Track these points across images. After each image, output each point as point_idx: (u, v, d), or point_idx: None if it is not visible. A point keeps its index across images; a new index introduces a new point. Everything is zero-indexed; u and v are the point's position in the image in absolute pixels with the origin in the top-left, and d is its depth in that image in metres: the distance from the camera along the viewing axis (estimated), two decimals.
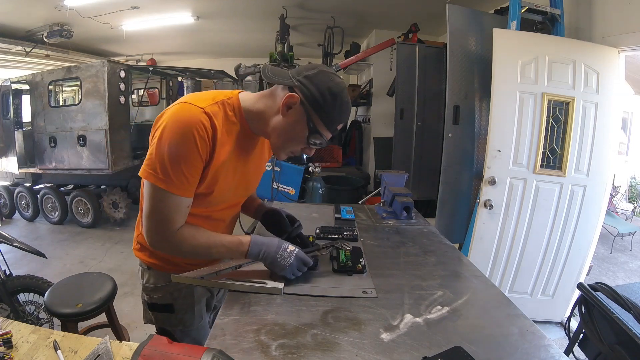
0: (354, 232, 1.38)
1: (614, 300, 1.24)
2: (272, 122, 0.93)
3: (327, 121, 0.91)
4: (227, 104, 0.93)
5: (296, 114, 0.90)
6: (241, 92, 0.98)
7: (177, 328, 1.12)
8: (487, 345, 0.79)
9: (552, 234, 2.34)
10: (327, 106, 0.89)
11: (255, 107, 0.95)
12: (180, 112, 0.86)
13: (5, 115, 4.70)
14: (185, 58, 7.41)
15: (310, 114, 0.89)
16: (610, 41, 2.21)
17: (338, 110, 0.91)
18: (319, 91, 0.88)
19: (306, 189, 3.66)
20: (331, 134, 0.94)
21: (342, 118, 0.94)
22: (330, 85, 0.88)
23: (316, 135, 0.92)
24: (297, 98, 0.88)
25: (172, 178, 0.84)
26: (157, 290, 1.08)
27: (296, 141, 0.94)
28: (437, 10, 3.33)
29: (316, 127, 0.91)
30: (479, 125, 2.48)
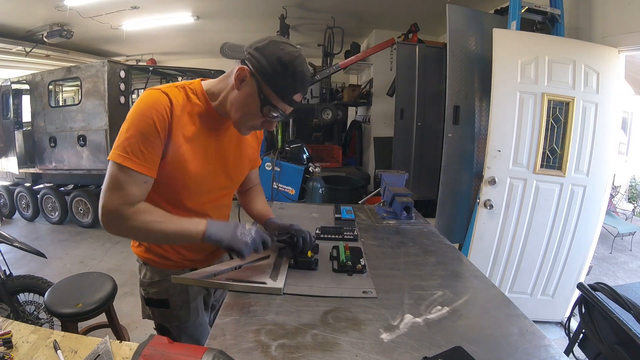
0: (354, 232, 1.38)
1: (614, 300, 1.24)
2: (229, 98, 0.94)
3: (279, 92, 0.89)
4: (188, 88, 0.96)
5: (248, 86, 0.90)
6: (203, 80, 1.01)
7: (173, 324, 1.13)
8: (487, 345, 0.79)
9: (552, 234, 2.34)
10: (277, 76, 0.87)
11: (216, 88, 0.97)
12: (142, 98, 0.90)
13: (5, 115, 4.70)
14: (185, 58, 7.41)
15: (261, 85, 0.88)
16: (610, 41, 2.21)
17: (290, 80, 0.88)
18: (268, 61, 0.86)
19: (306, 189, 3.66)
20: (288, 105, 0.92)
21: (296, 88, 0.90)
22: (280, 55, 0.86)
23: (269, 106, 0.91)
24: (247, 70, 0.88)
25: (127, 151, 0.85)
26: (152, 286, 1.09)
27: (252, 115, 0.93)
28: (437, 10, 3.33)
29: (268, 98, 0.89)
30: (479, 125, 2.48)
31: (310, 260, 1.04)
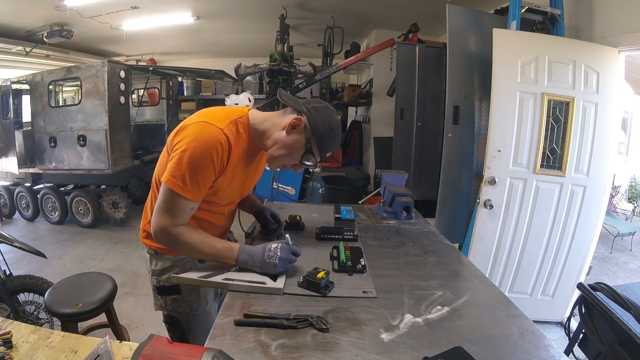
0: (354, 232, 1.38)
1: (614, 300, 1.24)
2: (274, 136, 1.09)
3: (322, 147, 1.08)
4: (239, 123, 1.08)
5: (298, 134, 1.07)
6: (250, 110, 1.14)
7: (184, 312, 1.19)
8: (487, 345, 0.79)
9: (552, 234, 2.34)
10: (324, 135, 1.07)
11: (263, 125, 1.11)
12: (203, 132, 1.00)
13: (5, 115, 4.69)
14: (185, 58, 7.41)
15: (310, 137, 1.07)
16: (610, 41, 2.21)
17: (332, 141, 1.09)
18: (321, 122, 1.06)
19: (306, 189, 3.66)
20: (320, 158, 1.11)
21: (333, 148, 1.11)
22: (330, 120, 1.08)
23: (309, 156, 1.08)
24: (302, 121, 1.06)
25: (188, 186, 0.98)
26: (164, 272, 1.17)
27: (291, 157, 1.10)
28: (437, 10, 3.33)
29: (311, 149, 1.08)
30: (479, 125, 2.47)
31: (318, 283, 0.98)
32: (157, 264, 1.18)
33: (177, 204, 1.00)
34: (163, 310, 1.23)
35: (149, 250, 1.20)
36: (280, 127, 1.08)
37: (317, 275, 0.99)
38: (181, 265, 1.16)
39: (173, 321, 1.23)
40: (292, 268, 1.08)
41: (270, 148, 1.10)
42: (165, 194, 1.00)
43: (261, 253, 1.03)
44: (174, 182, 0.98)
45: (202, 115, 1.06)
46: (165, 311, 1.22)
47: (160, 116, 6.03)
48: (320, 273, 1.00)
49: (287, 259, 1.04)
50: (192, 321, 1.21)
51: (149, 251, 1.20)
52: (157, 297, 1.21)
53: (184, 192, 0.98)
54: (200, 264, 1.19)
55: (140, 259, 3.92)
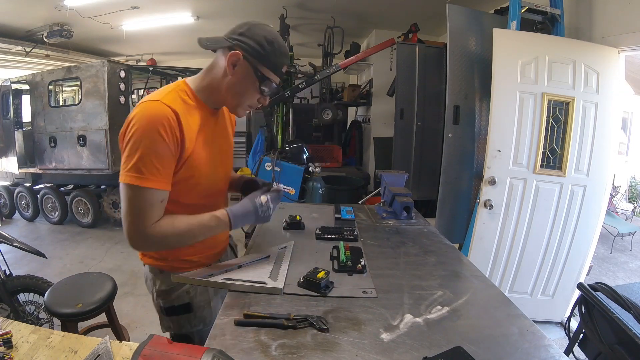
0: (354, 232, 1.38)
1: (614, 300, 1.24)
2: (223, 85, 0.98)
3: (272, 66, 0.97)
4: (179, 91, 0.98)
5: (242, 69, 0.96)
6: (186, 78, 1.03)
7: (197, 328, 1.10)
8: (487, 345, 0.79)
9: (552, 234, 2.34)
10: (267, 53, 0.95)
11: (204, 82, 1.01)
12: (143, 111, 0.89)
13: (5, 115, 4.70)
14: (185, 58, 7.40)
15: (256, 64, 0.95)
16: (610, 41, 2.21)
17: (278, 54, 0.97)
18: (257, 42, 0.94)
19: (306, 189, 3.66)
20: (279, 77, 1.00)
21: (284, 60, 1.00)
22: (265, 35, 0.95)
23: (266, 82, 0.98)
24: (239, 54, 0.94)
25: (144, 172, 0.86)
26: (172, 292, 1.07)
27: (250, 93, 1.00)
28: (437, 10, 3.33)
29: (264, 74, 0.97)
30: (479, 125, 2.47)
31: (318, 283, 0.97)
32: (162, 284, 1.07)
33: (142, 199, 0.87)
34: (170, 331, 1.13)
35: (151, 269, 1.09)
36: (221, 73, 0.97)
37: (317, 275, 0.98)
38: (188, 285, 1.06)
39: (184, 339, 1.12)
40: (293, 268, 1.08)
41: (227, 99, 1.01)
42: (126, 192, 0.88)
43: (254, 210, 1.00)
44: (130, 175, 0.86)
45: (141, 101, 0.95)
46: (173, 331, 1.12)
47: None
48: (320, 273, 1.00)
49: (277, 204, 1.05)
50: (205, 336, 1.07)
51: (152, 270, 1.09)
52: (165, 318, 1.11)
53: (144, 181, 0.86)
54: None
55: None
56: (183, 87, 0.99)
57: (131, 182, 0.86)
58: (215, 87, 0.99)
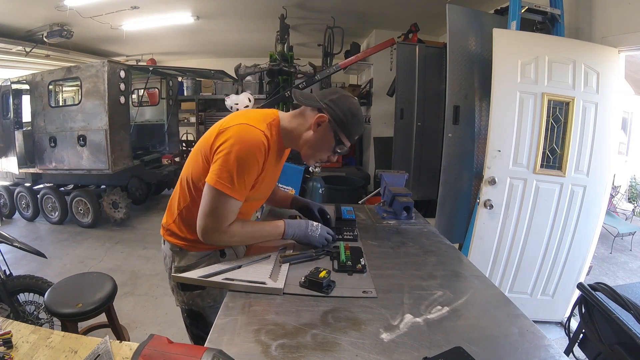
0: (354, 232, 1.38)
1: (614, 300, 1.24)
2: (304, 137, 1.17)
3: (349, 134, 1.16)
4: (272, 125, 1.16)
5: (324, 130, 1.14)
6: (279, 112, 1.22)
7: (208, 305, 1.25)
8: (487, 345, 0.79)
9: (552, 234, 2.34)
10: (348, 123, 1.13)
11: (290, 125, 1.18)
12: (246, 133, 1.06)
13: (5, 115, 4.70)
14: (185, 58, 7.41)
15: (336, 129, 1.14)
16: (610, 41, 2.21)
17: (356, 125, 1.16)
18: (343, 112, 1.12)
19: (306, 189, 3.66)
20: (351, 142, 1.19)
21: (359, 130, 1.19)
22: (350, 107, 1.14)
23: (341, 145, 1.17)
24: (326, 118, 1.13)
25: (236, 186, 1.04)
26: (189, 269, 1.19)
27: (324, 151, 1.18)
28: (437, 10, 3.33)
29: (341, 139, 1.16)
30: (479, 125, 2.47)
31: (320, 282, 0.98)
32: (180, 260, 1.22)
33: (225, 205, 1.05)
34: (184, 306, 1.27)
35: (172, 247, 1.23)
36: (306, 126, 1.16)
37: (319, 275, 0.99)
38: (207, 261, 1.22)
39: (195, 315, 1.28)
40: (293, 268, 1.08)
41: (303, 148, 1.19)
42: (212, 195, 1.04)
43: (305, 226, 1.19)
44: (222, 184, 1.02)
45: (240, 118, 1.11)
46: (187, 306, 1.27)
47: (160, 116, 6.04)
48: (322, 273, 1.00)
49: (324, 236, 1.20)
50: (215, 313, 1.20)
51: (172, 248, 1.24)
52: (180, 294, 1.25)
53: (232, 192, 1.04)
54: (222, 259, 1.27)
55: (140, 258, 3.92)
56: (276, 122, 1.17)
57: (222, 189, 1.03)
58: (296, 135, 1.18)
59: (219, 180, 1.02)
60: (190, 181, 1.16)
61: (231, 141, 1.03)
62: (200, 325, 1.29)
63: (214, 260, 1.24)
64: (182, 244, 1.22)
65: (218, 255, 1.27)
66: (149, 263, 3.43)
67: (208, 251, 1.24)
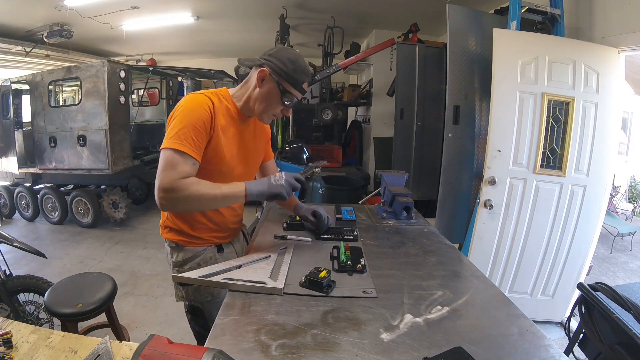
0: (354, 232, 1.38)
1: (614, 300, 1.24)
2: (252, 96, 1.20)
3: (293, 82, 1.16)
4: (219, 94, 1.20)
5: (268, 83, 1.16)
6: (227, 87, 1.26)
7: (206, 300, 1.27)
8: (487, 345, 0.79)
9: (552, 234, 2.34)
10: (289, 71, 1.14)
11: (239, 92, 1.23)
12: (188, 99, 1.13)
13: (5, 115, 4.69)
14: (185, 58, 7.41)
15: (279, 79, 1.15)
16: (610, 41, 2.21)
17: (299, 72, 1.16)
18: (281, 61, 1.14)
19: (306, 189, 3.65)
20: (299, 92, 1.19)
21: (303, 77, 1.18)
22: (288, 56, 1.15)
23: (287, 94, 1.17)
24: (266, 71, 1.15)
25: (182, 140, 1.05)
26: (186, 263, 1.25)
27: (273, 104, 1.19)
28: (437, 10, 3.33)
29: (285, 88, 1.16)
30: (479, 125, 2.47)
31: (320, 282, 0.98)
32: (178, 255, 1.26)
33: (177, 158, 1.04)
34: (184, 301, 1.29)
35: (169, 243, 1.28)
36: (252, 86, 1.19)
37: (319, 275, 0.99)
38: (202, 255, 1.26)
39: (195, 311, 1.30)
40: (293, 268, 1.08)
41: (254, 108, 1.21)
42: (164, 155, 1.05)
43: (267, 180, 1.15)
44: (170, 141, 1.05)
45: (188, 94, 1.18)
46: (186, 301, 1.29)
47: (160, 116, 6.04)
48: (322, 272, 1.00)
49: (291, 183, 1.15)
50: (214, 309, 1.21)
51: (169, 244, 1.28)
52: (179, 288, 1.27)
53: (180, 146, 1.04)
54: (220, 254, 1.30)
55: (140, 258, 3.92)
56: (223, 92, 1.22)
57: (169, 146, 1.04)
58: (247, 97, 1.21)
59: (166, 140, 1.06)
60: None
61: (175, 109, 1.11)
62: (200, 322, 1.31)
63: (211, 254, 1.28)
64: (178, 239, 1.26)
65: (215, 250, 1.30)
66: (149, 263, 3.44)
67: (203, 246, 1.27)
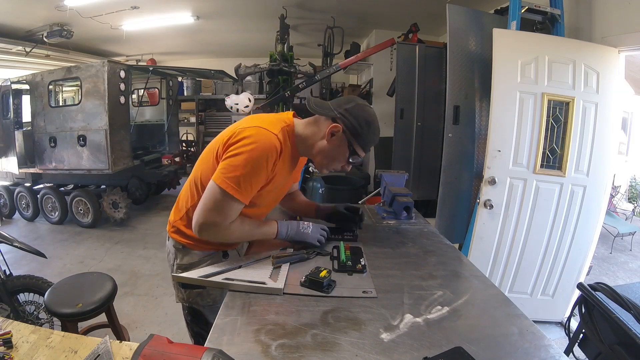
0: (354, 232, 1.38)
1: (614, 300, 1.24)
2: (317, 146, 1.15)
3: (363, 144, 1.14)
4: (286, 130, 1.14)
5: (338, 140, 1.12)
6: (295, 118, 1.20)
7: (207, 304, 1.26)
8: (487, 345, 0.79)
9: (552, 234, 2.34)
10: (363, 133, 1.12)
11: (304, 133, 1.17)
12: (259, 135, 1.04)
13: (5, 115, 4.69)
14: (185, 58, 7.41)
15: (350, 140, 1.12)
16: (610, 41, 2.21)
17: (372, 135, 1.15)
18: (357, 121, 1.10)
19: (306, 189, 3.66)
20: (365, 152, 1.17)
21: (374, 140, 1.17)
22: (365, 116, 1.12)
23: (355, 155, 1.16)
24: (340, 127, 1.10)
25: (241, 188, 1.03)
26: (190, 267, 1.21)
27: (338, 161, 1.17)
28: (437, 10, 3.33)
29: (355, 149, 1.14)
30: (479, 125, 2.47)
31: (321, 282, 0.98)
32: (183, 258, 1.24)
33: (228, 204, 1.04)
34: (185, 303, 1.28)
35: (176, 244, 1.24)
36: (320, 135, 1.14)
37: (320, 275, 0.99)
38: (209, 260, 1.22)
39: (195, 313, 1.29)
40: (293, 269, 1.08)
41: (316, 157, 1.17)
42: (215, 193, 1.03)
43: (296, 225, 1.21)
44: (228, 184, 1.01)
45: (255, 120, 1.11)
46: (187, 304, 1.28)
47: (160, 116, 6.03)
48: (322, 272, 1.00)
49: (318, 233, 1.22)
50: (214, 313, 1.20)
51: (175, 245, 1.25)
52: (180, 290, 1.26)
53: (237, 193, 1.02)
54: (224, 259, 1.26)
55: (140, 258, 3.92)
56: (290, 127, 1.15)
57: (228, 190, 1.02)
58: (310, 143, 1.16)
59: (225, 179, 1.01)
60: (199, 181, 1.15)
61: (244, 142, 1.03)
62: (200, 323, 1.31)
63: (216, 260, 1.24)
64: (185, 242, 1.23)
65: (220, 255, 1.27)
66: (149, 263, 3.43)
67: (211, 251, 1.24)
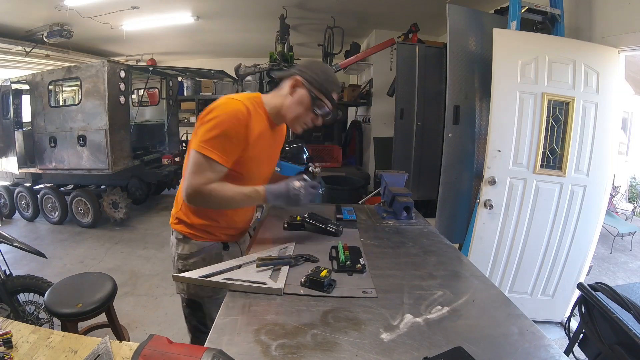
0: (338, 227, 1.39)
1: (614, 300, 1.24)
2: (285, 105, 1.24)
3: (324, 91, 1.22)
4: (255, 101, 1.23)
5: (300, 91, 1.22)
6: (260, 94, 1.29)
7: (207, 295, 1.28)
8: (487, 345, 0.79)
9: (552, 234, 2.34)
10: (321, 80, 1.21)
11: (272, 100, 1.27)
12: (226, 104, 1.15)
13: (5, 115, 4.70)
14: (185, 58, 7.41)
15: (310, 87, 1.21)
16: (610, 41, 2.21)
17: (330, 82, 1.24)
18: (313, 72, 1.22)
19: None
20: (330, 102, 1.24)
21: (334, 87, 1.25)
22: (321, 67, 1.26)
23: (318, 102, 1.23)
24: (299, 79, 1.22)
25: (216, 149, 1.11)
26: (191, 257, 1.28)
27: (304, 112, 1.24)
28: (437, 10, 3.33)
29: (316, 96, 1.22)
30: (479, 125, 2.47)
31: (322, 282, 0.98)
32: (184, 247, 1.29)
33: (207, 166, 1.11)
34: (184, 294, 1.31)
35: (177, 235, 1.31)
36: (284, 96, 1.24)
37: (320, 274, 1.00)
38: (207, 251, 1.29)
39: (194, 305, 1.31)
40: (293, 269, 1.08)
41: (287, 116, 1.25)
42: (193, 158, 1.12)
43: (286, 190, 1.19)
44: (203, 147, 1.10)
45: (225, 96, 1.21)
46: (186, 295, 1.31)
47: (160, 116, 6.04)
48: (323, 272, 1.01)
49: (310, 192, 1.21)
50: (214, 305, 1.24)
51: (177, 236, 1.31)
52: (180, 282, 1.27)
53: (212, 154, 1.10)
54: (225, 251, 1.33)
55: (140, 258, 3.92)
56: (258, 99, 1.25)
57: (203, 152, 1.10)
58: (279, 105, 1.25)
59: (199, 144, 1.10)
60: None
61: (213, 112, 1.13)
62: (198, 317, 1.32)
63: (215, 250, 1.30)
64: (187, 232, 1.28)
65: (221, 247, 1.32)
66: (149, 263, 3.44)
67: (210, 242, 1.30)
